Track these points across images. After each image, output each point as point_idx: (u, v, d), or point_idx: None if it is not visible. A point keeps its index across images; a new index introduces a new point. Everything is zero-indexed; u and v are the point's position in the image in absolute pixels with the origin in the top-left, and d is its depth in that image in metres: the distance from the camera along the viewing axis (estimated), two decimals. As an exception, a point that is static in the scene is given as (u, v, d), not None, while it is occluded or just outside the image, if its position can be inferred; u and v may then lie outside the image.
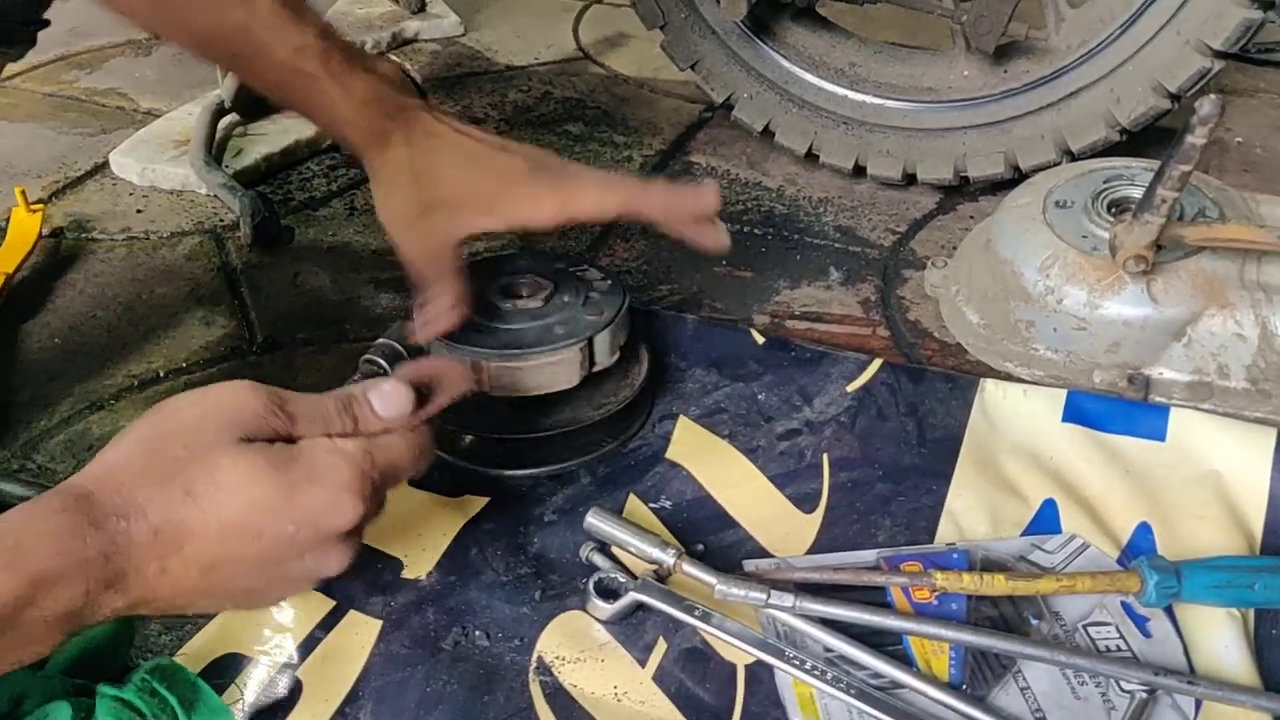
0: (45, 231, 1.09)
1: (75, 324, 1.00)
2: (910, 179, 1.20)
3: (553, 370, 0.78)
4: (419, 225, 0.77)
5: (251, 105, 1.26)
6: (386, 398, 0.62)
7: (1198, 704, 0.64)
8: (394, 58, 1.52)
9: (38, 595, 0.50)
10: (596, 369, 0.81)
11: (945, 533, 0.76)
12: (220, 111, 1.25)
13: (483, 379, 0.77)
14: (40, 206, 1.09)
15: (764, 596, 0.67)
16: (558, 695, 0.66)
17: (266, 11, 0.74)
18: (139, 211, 1.17)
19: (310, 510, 0.56)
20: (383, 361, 0.85)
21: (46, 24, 0.50)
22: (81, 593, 0.51)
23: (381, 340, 0.84)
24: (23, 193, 1.08)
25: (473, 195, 0.77)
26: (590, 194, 0.77)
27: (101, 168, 1.24)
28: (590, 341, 0.79)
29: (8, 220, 1.08)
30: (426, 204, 0.77)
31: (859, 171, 1.22)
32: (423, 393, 0.65)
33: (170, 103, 1.35)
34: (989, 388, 0.87)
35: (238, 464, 0.55)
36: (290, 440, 0.58)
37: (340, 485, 0.57)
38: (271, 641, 0.68)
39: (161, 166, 1.20)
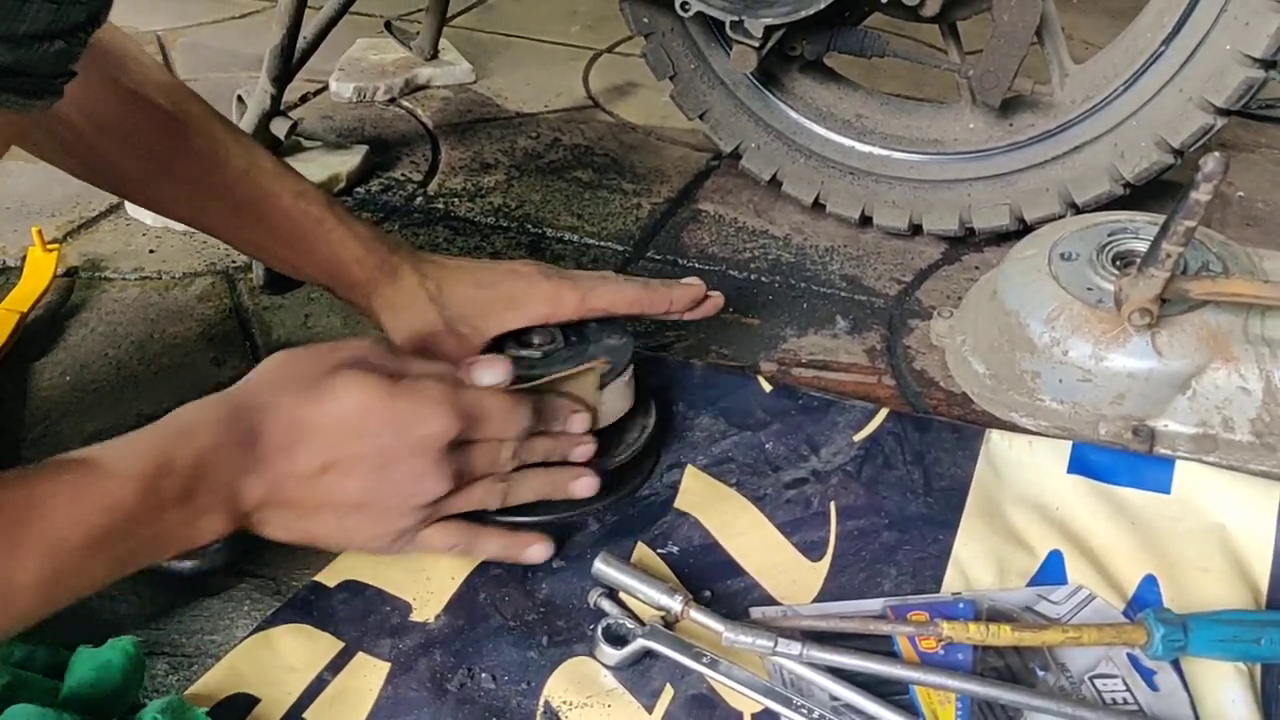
0: (60, 271, 1.10)
1: (87, 362, 1.01)
2: (916, 229, 1.21)
3: (613, 397, 0.82)
4: (447, 340, 0.82)
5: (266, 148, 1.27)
6: (487, 365, 0.73)
7: (1205, 758, 0.64)
8: (405, 103, 1.54)
9: (205, 464, 0.62)
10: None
11: (951, 582, 0.77)
12: (235, 154, 1.26)
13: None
14: (56, 246, 1.10)
15: (771, 644, 0.68)
16: (564, 741, 0.66)
17: (267, 161, 0.82)
18: (152, 252, 1.18)
19: (404, 416, 0.67)
20: None
21: (73, 75, 0.51)
22: (234, 466, 0.63)
23: None
24: (39, 232, 1.09)
25: (494, 301, 0.83)
26: (605, 291, 0.85)
27: (116, 208, 1.25)
28: (630, 367, 0.82)
29: (24, 259, 1.09)
30: (449, 320, 0.82)
31: (865, 221, 1.24)
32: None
33: (185, 145, 1.36)
34: (995, 438, 0.87)
35: (354, 378, 0.67)
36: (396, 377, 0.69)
37: (433, 399, 0.67)
38: (280, 682, 0.68)
39: (175, 208, 1.22)
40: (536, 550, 0.76)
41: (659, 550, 0.79)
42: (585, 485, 0.78)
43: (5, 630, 0.58)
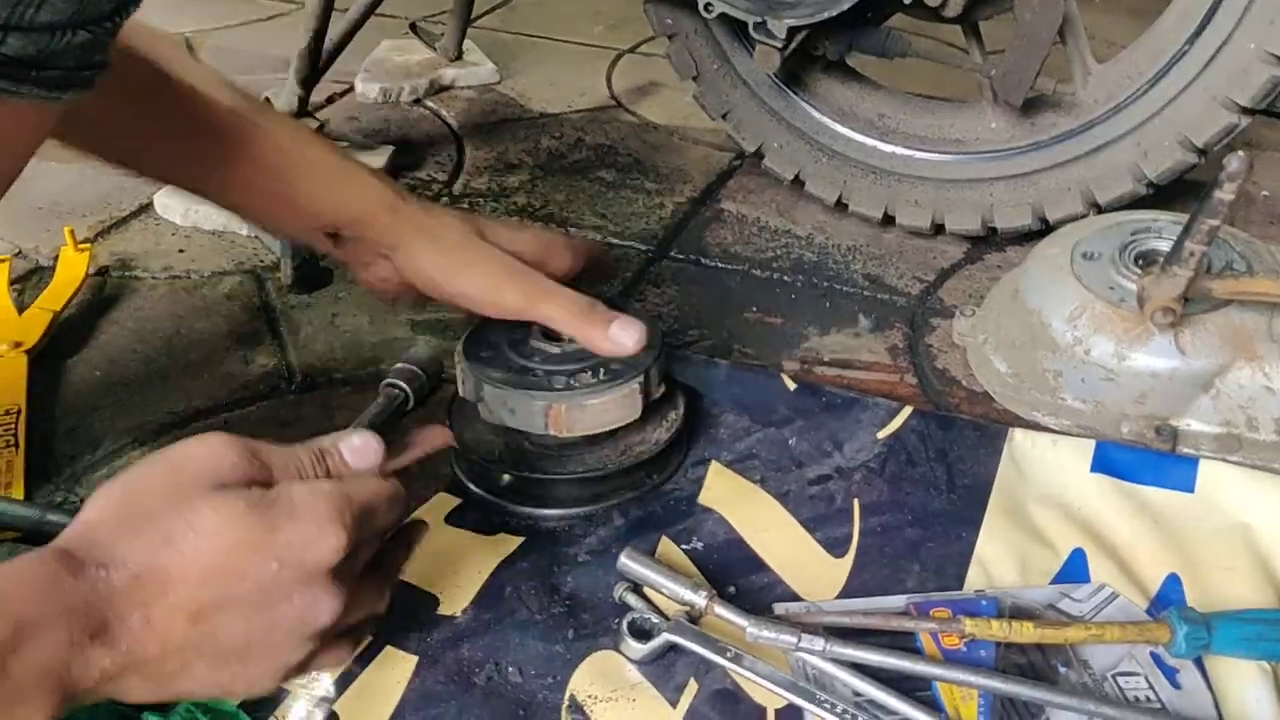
0: (91, 270, 1.12)
1: (117, 360, 1.02)
2: (938, 229, 1.22)
3: (619, 405, 0.80)
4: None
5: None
6: (356, 450, 0.63)
7: (1228, 756, 0.64)
8: (430, 104, 1.56)
9: (21, 642, 0.49)
10: (651, 399, 0.83)
11: (974, 579, 0.77)
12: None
13: (551, 421, 0.79)
14: (88, 246, 1.12)
15: (794, 640, 0.68)
16: (590, 734, 0.67)
17: (251, 100, 0.81)
18: (181, 251, 1.19)
19: (292, 545, 0.56)
20: (404, 384, 0.87)
21: (105, 65, 0.50)
22: (66, 641, 0.50)
23: (399, 365, 0.86)
24: (71, 232, 1.11)
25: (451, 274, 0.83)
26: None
27: (146, 208, 1.27)
28: (646, 374, 0.81)
29: (56, 259, 1.11)
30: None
31: (888, 221, 1.24)
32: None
33: (213, 145, 1.38)
34: (1018, 437, 0.88)
35: (216, 508, 0.55)
36: (267, 487, 0.58)
37: (319, 518, 0.57)
38: (310, 675, 0.69)
39: (204, 207, 1.23)
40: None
41: (683, 545, 0.80)
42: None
43: None
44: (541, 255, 0.86)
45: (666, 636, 0.70)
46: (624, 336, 0.79)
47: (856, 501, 0.83)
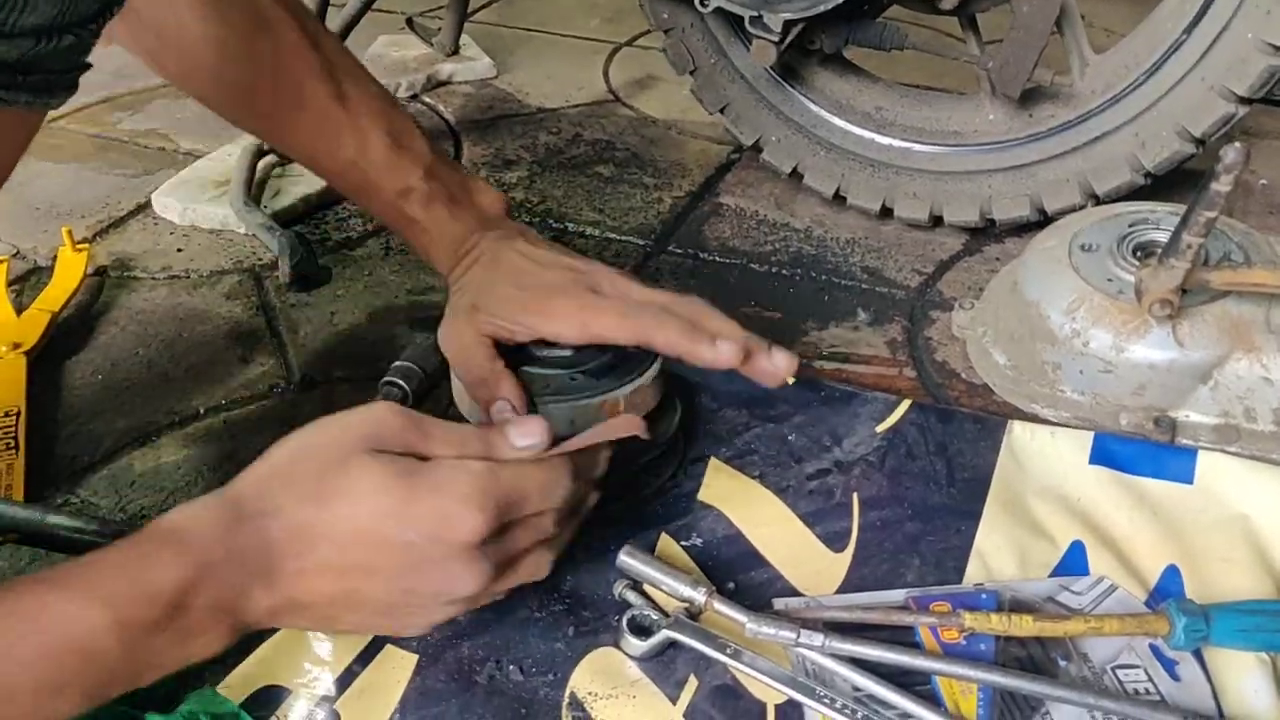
0: (89, 270, 1.12)
1: (117, 361, 1.02)
2: (937, 221, 1.22)
3: (654, 389, 0.80)
4: (455, 325, 0.79)
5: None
6: (519, 432, 0.65)
7: (1227, 747, 0.64)
8: (428, 99, 1.55)
9: (201, 581, 0.54)
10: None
11: (974, 573, 0.77)
12: (259, 153, 1.28)
13: (620, 411, 0.77)
14: (85, 246, 1.12)
15: (794, 635, 0.68)
16: (591, 731, 0.67)
17: (377, 153, 0.80)
18: (180, 250, 1.20)
19: (429, 519, 0.59)
20: (402, 382, 0.87)
21: (88, 66, 0.50)
22: (236, 582, 0.56)
23: (398, 363, 0.86)
24: (69, 232, 1.11)
25: (503, 302, 0.78)
26: (608, 321, 0.76)
27: (144, 208, 1.27)
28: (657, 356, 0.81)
29: (54, 259, 1.11)
30: (464, 308, 0.79)
31: (886, 213, 1.24)
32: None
33: (211, 144, 1.38)
34: (1017, 430, 0.88)
35: (367, 471, 0.58)
36: (423, 459, 0.61)
37: (459, 496, 0.59)
38: (311, 674, 0.70)
39: (202, 207, 1.23)
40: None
41: (683, 542, 0.80)
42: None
43: None
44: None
45: (666, 633, 0.70)
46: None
47: (856, 496, 0.83)
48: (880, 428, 0.89)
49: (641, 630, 0.71)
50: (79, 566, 0.54)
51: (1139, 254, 0.94)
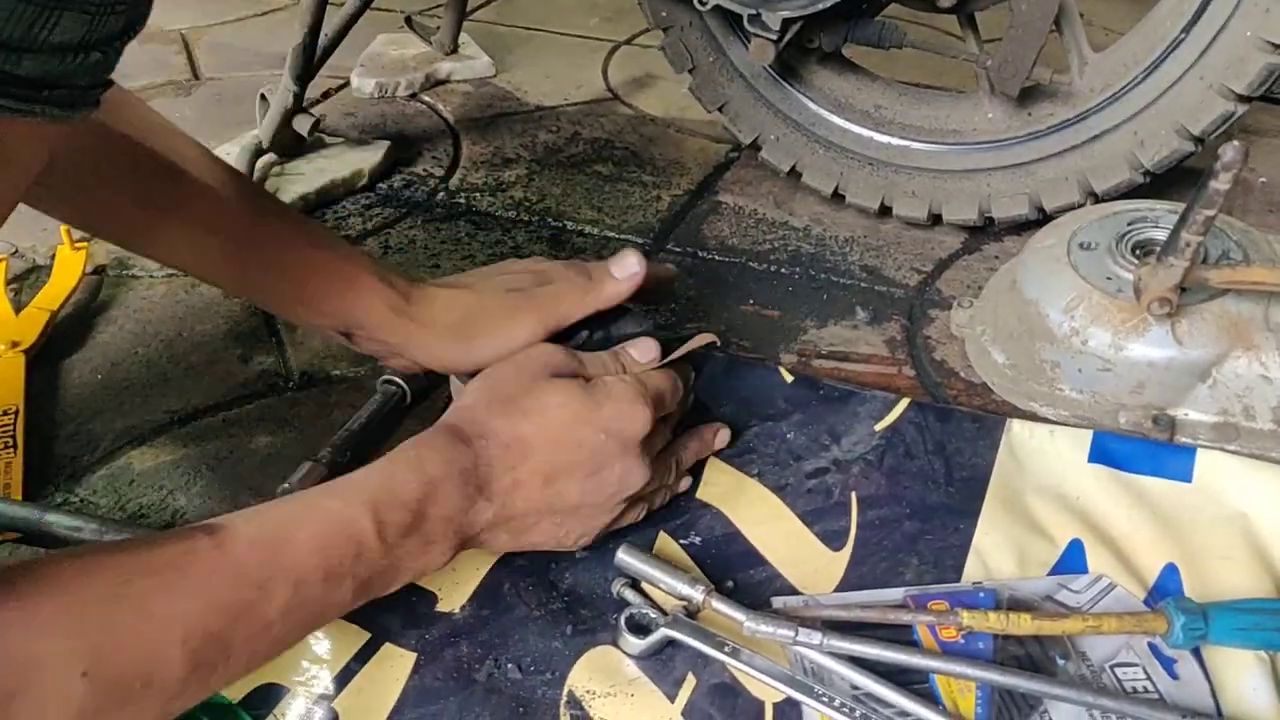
0: (88, 268, 1.12)
1: (116, 360, 1.02)
2: (936, 219, 1.22)
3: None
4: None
5: (289, 145, 1.29)
6: (641, 350, 0.79)
7: (1225, 745, 0.64)
8: (426, 98, 1.55)
9: (434, 494, 0.65)
10: None
11: (972, 571, 0.77)
12: (258, 151, 1.28)
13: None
14: (84, 244, 1.12)
15: (792, 634, 0.68)
16: (589, 729, 0.67)
17: (270, 201, 0.87)
18: (178, 249, 1.19)
19: (614, 419, 0.72)
20: (401, 380, 0.87)
21: (110, 84, 0.51)
22: (462, 496, 0.67)
23: None
24: (68, 231, 1.11)
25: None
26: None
27: (142, 206, 1.27)
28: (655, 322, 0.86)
29: (53, 258, 1.11)
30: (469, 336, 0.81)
31: (885, 211, 1.24)
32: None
33: (209, 142, 1.36)
34: (1016, 428, 0.88)
35: (557, 389, 0.72)
36: (586, 380, 0.74)
37: (630, 399, 0.73)
38: (309, 672, 0.70)
39: (201, 205, 1.23)
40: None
41: (681, 540, 0.80)
42: (723, 438, 0.87)
43: (261, 661, 0.59)
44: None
45: (664, 631, 0.70)
46: (624, 267, 0.82)
47: (854, 494, 0.83)
48: (879, 426, 0.89)
49: (640, 628, 0.71)
50: (341, 480, 0.65)
51: (1138, 252, 0.94)
